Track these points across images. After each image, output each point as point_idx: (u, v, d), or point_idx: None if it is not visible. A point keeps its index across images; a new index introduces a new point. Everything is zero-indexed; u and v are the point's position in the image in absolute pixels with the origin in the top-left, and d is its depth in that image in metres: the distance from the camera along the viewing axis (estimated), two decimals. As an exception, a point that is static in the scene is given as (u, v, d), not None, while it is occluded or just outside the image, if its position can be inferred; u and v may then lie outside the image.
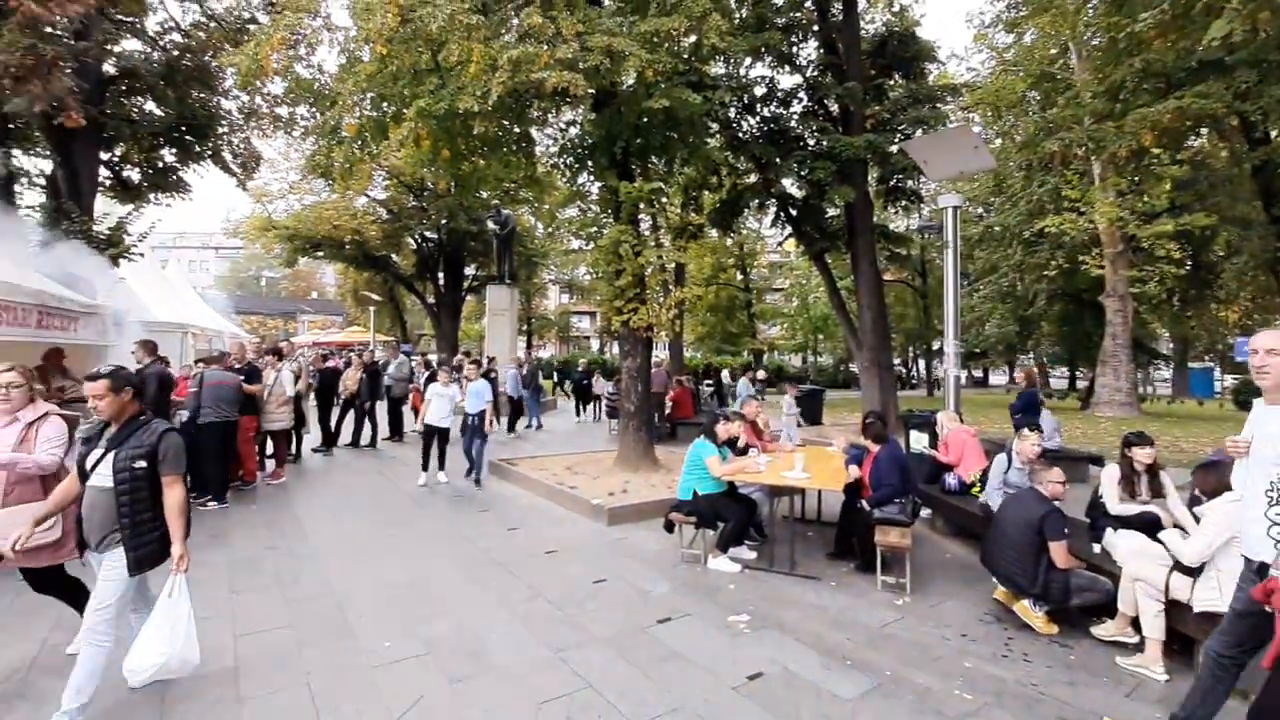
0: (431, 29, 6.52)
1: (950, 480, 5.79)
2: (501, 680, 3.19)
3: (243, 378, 6.83)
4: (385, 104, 8.07)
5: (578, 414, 15.32)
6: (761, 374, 20.38)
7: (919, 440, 7.58)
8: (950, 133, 8.95)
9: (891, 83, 12.67)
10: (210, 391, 6.33)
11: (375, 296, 29.68)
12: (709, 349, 33.10)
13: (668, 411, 11.85)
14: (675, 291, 7.77)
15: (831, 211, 12.85)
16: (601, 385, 14.66)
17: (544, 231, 25.98)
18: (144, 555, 2.76)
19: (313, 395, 10.11)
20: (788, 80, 11.59)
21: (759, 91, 11.75)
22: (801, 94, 12.10)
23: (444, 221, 21.61)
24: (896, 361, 31.70)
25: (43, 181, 12.07)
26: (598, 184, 8.55)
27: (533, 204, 21.06)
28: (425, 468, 7.63)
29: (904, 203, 13.28)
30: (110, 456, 2.74)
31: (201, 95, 12.85)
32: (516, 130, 8.97)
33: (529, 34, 6.91)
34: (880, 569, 4.58)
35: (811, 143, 11.26)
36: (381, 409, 10.95)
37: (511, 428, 12.28)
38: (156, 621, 2.76)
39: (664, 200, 8.98)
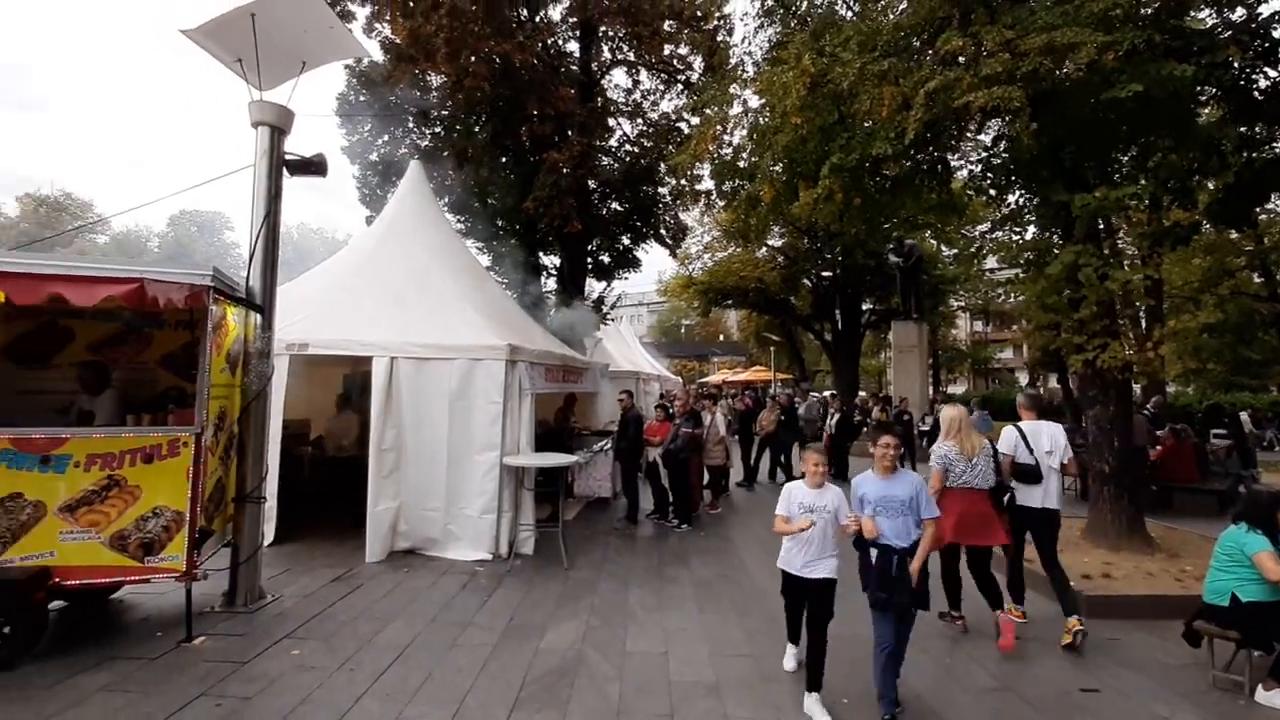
0: (843, 87, 6.71)
1: None
2: (979, 781, 2.87)
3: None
4: (796, 166, 8.64)
5: None
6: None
7: None
8: None
9: None
10: (685, 436, 7.80)
11: (774, 337, 31.83)
12: (1209, 380, 24.33)
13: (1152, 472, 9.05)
14: (1167, 323, 6.01)
15: None
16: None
17: (950, 255, 23.74)
18: None
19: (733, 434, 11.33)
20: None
21: (1289, 24, 8.34)
22: (1377, 5, 8.13)
23: (840, 259, 21.91)
24: None
25: (554, 273, 16.97)
26: (1036, 200, 7.37)
27: (937, 228, 19.60)
28: (793, 639, 4.10)
29: None
30: None
31: (645, 189, 16.19)
32: (925, 162, 8.45)
33: (946, 58, 6.48)
34: None
35: None
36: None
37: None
38: None
39: (1131, 202, 7.14)
